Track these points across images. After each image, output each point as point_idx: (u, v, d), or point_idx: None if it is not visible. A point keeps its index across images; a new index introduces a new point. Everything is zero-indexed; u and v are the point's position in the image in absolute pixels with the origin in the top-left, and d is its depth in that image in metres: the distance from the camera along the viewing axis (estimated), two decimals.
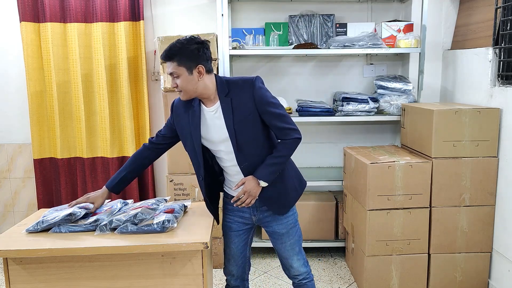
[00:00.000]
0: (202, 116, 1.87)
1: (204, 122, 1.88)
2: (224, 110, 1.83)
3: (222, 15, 2.99)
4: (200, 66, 1.78)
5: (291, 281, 2.13)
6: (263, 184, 1.85)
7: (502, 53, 2.69)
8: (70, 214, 1.85)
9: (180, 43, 1.78)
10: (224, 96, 1.83)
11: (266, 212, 1.98)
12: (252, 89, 1.82)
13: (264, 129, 1.88)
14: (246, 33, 3.25)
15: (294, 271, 2.06)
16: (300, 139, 1.87)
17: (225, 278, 2.14)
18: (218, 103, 1.85)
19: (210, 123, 1.87)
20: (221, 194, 2.10)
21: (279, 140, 1.90)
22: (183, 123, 1.90)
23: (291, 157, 1.95)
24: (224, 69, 3.04)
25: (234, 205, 1.91)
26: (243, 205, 1.88)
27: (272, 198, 1.93)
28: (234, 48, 3.11)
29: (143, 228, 1.81)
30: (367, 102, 3.13)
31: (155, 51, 3.41)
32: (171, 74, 1.80)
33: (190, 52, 1.76)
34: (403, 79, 3.27)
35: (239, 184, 1.87)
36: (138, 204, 2.07)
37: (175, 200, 2.93)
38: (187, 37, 1.81)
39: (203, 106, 1.88)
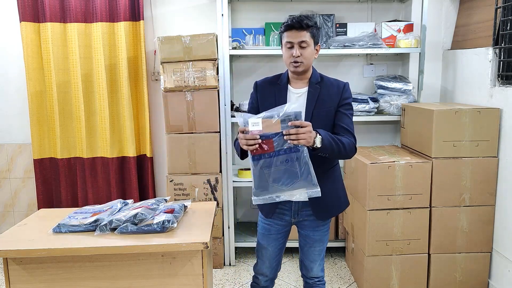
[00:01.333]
0: (288, 95, 1.91)
1: (288, 101, 1.89)
2: (310, 95, 1.88)
3: (222, 15, 2.99)
4: (319, 45, 1.90)
5: (304, 281, 2.14)
6: (318, 141, 1.71)
7: (502, 53, 2.69)
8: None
9: (313, 19, 1.84)
10: (315, 83, 1.90)
11: (306, 217, 1.97)
12: (342, 89, 1.91)
13: (332, 128, 1.90)
14: (246, 33, 3.25)
15: (313, 274, 2.08)
16: (356, 149, 1.91)
17: (253, 275, 2.14)
18: (306, 88, 1.90)
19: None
20: None
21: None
22: (270, 100, 1.92)
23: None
24: (224, 69, 3.04)
25: (284, 134, 1.69)
26: (291, 139, 1.67)
27: (320, 200, 1.85)
28: (234, 48, 3.11)
29: (143, 228, 1.81)
30: (367, 102, 3.13)
31: (155, 51, 3.41)
32: (301, 42, 1.80)
33: (318, 29, 1.87)
34: (403, 79, 3.27)
35: (300, 122, 1.70)
36: (138, 204, 2.06)
37: (175, 200, 2.93)
38: (311, 16, 1.84)
39: (289, 86, 1.92)
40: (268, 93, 1.94)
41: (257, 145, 1.68)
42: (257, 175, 1.72)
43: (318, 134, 1.72)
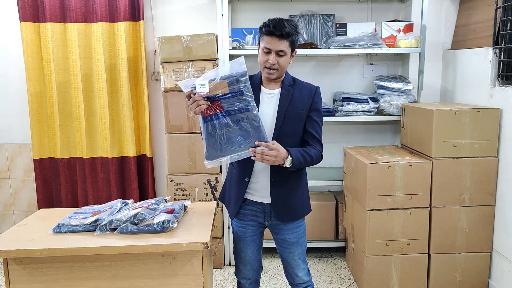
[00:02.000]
0: (260, 96, 1.92)
1: (260, 102, 1.91)
2: (283, 97, 1.89)
3: (222, 15, 2.99)
4: (295, 51, 1.90)
5: None
6: (288, 163, 1.77)
7: (502, 53, 2.69)
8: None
9: (294, 26, 1.83)
10: (288, 85, 1.91)
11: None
12: (314, 93, 1.93)
13: (302, 131, 1.93)
14: (246, 33, 3.25)
15: (299, 280, 2.07)
16: (322, 157, 1.94)
17: (237, 280, 2.14)
18: (279, 89, 1.91)
19: (262, 105, 1.90)
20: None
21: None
22: None
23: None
24: None
25: (251, 153, 1.75)
26: (255, 157, 1.74)
27: (284, 202, 1.93)
28: (234, 48, 3.11)
29: (143, 228, 1.81)
30: (367, 102, 3.13)
31: (155, 51, 3.41)
32: (278, 51, 1.81)
33: (298, 34, 1.86)
34: (403, 79, 3.27)
35: (271, 143, 1.75)
36: (138, 204, 2.07)
37: (175, 200, 2.93)
38: (292, 21, 1.84)
39: (262, 87, 1.93)
40: None
41: (206, 106, 1.70)
42: (209, 137, 1.74)
43: (289, 156, 1.77)
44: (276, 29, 1.77)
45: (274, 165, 1.80)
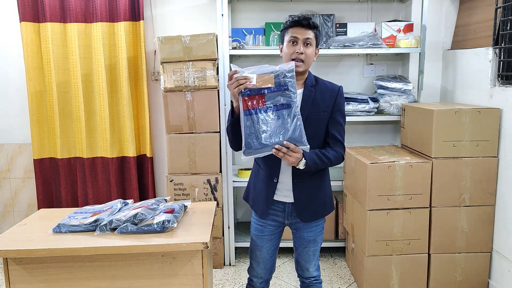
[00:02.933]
0: None
1: None
2: (305, 98, 1.88)
3: (222, 15, 2.99)
4: (318, 48, 1.93)
5: (301, 281, 2.15)
6: (301, 165, 1.78)
7: (502, 53, 2.69)
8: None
9: (317, 23, 1.88)
10: (310, 86, 1.90)
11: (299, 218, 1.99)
12: (337, 93, 1.92)
13: (325, 132, 1.93)
14: (246, 33, 3.25)
15: (309, 274, 2.09)
16: (343, 159, 1.95)
17: (248, 277, 2.15)
18: (301, 90, 1.90)
19: None
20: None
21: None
22: None
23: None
24: (224, 69, 3.04)
25: (273, 151, 1.74)
26: (276, 151, 1.73)
27: (307, 202, 1.93)
28: (234, 48, 3.11)
29: (143, 228, 1.81)
30: (367, 102, 3.13)
31: (155, 51, 3.41)
32: (306, 39, 1.83)
33: (320, 34, 1.89)
34: (403, 79, 3.27)
35: (294, 147, 1.75)
36: (138, 204, 2.07)
37: (175, 200, 2.93)
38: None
39: None
40: None
41: (245, 86, 1.69)
42: (248, 131, 1.72)
43: (303, 158, 1.77)
44: (302, 18, 1.83)
45: (297, 160, 1.77)
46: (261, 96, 1.71)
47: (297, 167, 1.78)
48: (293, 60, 1.83)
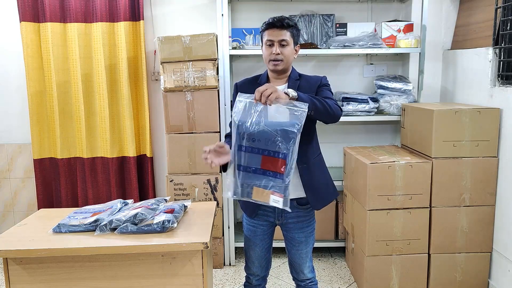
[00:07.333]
0: None
1: None
2: (291, 88, 1.88)
3: (222, 15, 2.99)
4: (298, 45, 1.95)
5: (296, 284, 2.15)
6: (291, 92, 1.70)
7: (502, 53, 2.69)
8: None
9: (293, 21, 1.89)
10: (295, 79, 1.94)
11: (290, 219, 1.98)
12: (321, 78, 1.99)
13: (315, 128, 1.97)
14: (246, 33, 3.25)
15: (303, 276, 2.09)
16: (341, 114, 1.86)
17: (245, 275, 2.16)
18: (286, 85, 1.92)
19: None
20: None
21: None
22: None
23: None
24: (224, 69, 3.04)
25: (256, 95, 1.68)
26: (261, 95, 1.65)
27: (314, 187, 1.93)
28: (234, 48, 3.11)
29: (143, 228, 1.81)
30: (367, 102, 3.13)
31: (155, 51, 3.41)
32: (281, 41, 1.84)
33: (298, 31, 1.93)
34: (403, 79, 3.27)
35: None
36: (138, 204, 2.07)
37: (175, 200, 2.93)
38: (291, 18, 1.91)
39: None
40: (249, 93, 1.91)
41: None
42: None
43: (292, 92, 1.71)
44: (275, 20, 1.85)
45: (281, 98, 1.67)
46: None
47: (289, 95, 1.69)
48: (271, 60, 1.87)
